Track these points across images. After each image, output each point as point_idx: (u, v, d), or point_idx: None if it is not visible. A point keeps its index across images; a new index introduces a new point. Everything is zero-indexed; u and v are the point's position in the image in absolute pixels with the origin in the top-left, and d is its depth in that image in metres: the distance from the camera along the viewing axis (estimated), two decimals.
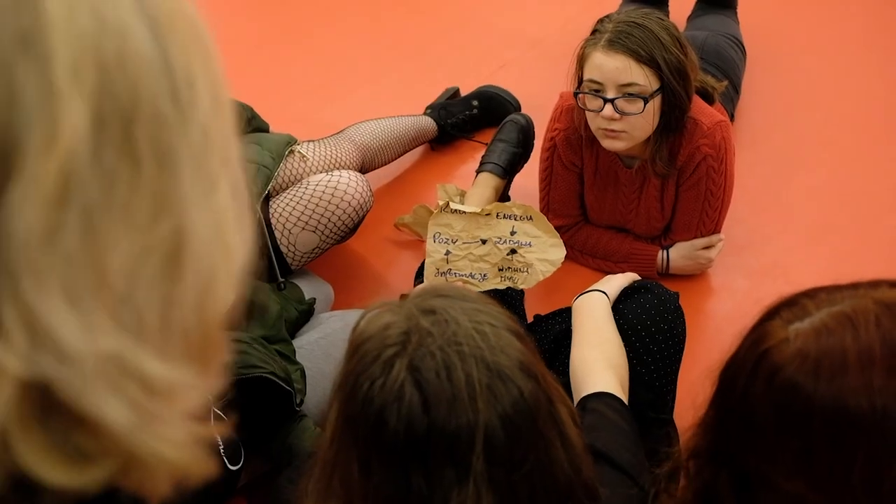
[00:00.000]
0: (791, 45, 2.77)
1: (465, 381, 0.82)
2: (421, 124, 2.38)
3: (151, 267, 0.40)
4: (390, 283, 2.14)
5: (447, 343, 0.84)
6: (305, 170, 2.02)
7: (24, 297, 0.35)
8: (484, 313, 0.88)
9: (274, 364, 1.55)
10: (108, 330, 0.38)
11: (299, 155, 2.03)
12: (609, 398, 1.25)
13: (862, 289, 0.88)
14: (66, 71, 0.35)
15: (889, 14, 2.91)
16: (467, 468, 0.82)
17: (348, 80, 2.76)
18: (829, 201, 2.29)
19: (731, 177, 1.96)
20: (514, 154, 2.14)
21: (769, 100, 2.58)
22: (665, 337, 1.46)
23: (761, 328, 0.90)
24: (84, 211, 0.37)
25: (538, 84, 2.59)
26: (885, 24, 2.87)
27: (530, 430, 0.85)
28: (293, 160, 2.02)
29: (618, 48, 1.72)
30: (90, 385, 0.37)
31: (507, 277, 1.66)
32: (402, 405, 0.82)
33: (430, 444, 0.82)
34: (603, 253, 2.10)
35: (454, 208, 1.61)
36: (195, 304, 0.42)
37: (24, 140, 0.35)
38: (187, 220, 0.41)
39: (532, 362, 0.88)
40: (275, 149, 1.95)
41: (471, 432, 0.81)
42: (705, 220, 2.00)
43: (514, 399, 0.83)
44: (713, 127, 1.87)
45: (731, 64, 2.39)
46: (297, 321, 1.83)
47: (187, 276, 0.41)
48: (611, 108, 1.75)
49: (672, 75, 1.73)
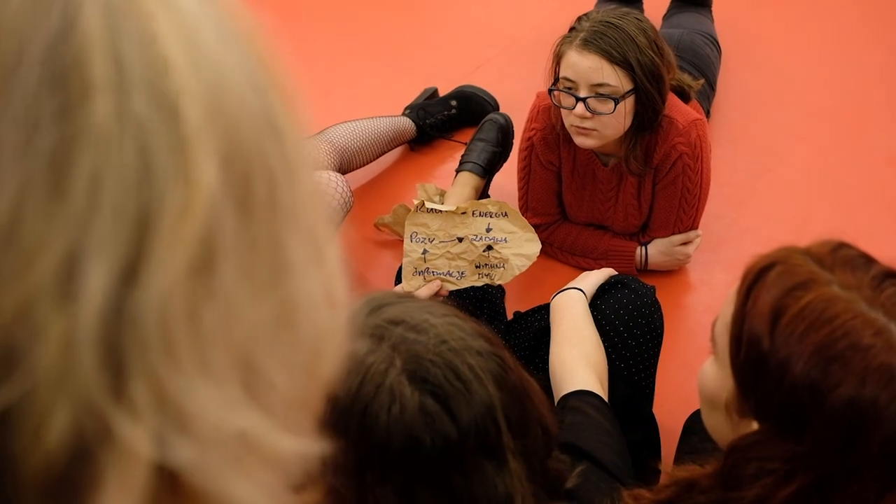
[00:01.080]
0: (765, 41, 2.80)
1: (471, 372, 0.83)
2: (399, 125, 2.38)
3: (273, 334, 0.37)
4: (371, 283, 2.14)
5: (437, 344, 0.84)
6: None
7: (158, 373, 0.32)
8: (431, 305, 0.91)
9: None
10: (244, 406, 0.35)
11: None
12: (589, 396, 1.25)
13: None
14: (197, 125, 0.33)
15: (861, 8, 2.95)
16: (502, 450, 0.84)
17: (325, 82, 2.76)
18: (807, 194, 2.31)
19: (708, 174, 1.97)
20: (494, 153, 2.15)
21: (745, 95, 2.60)
22: (643, 331, 1.47)
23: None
24: (220, 279, 0.34)
25: (516, 83, 2.61)
26: (857, 17, 2.91)
27: (521, 394, 0.88)
28: None
29: (591, 48, 1.73)
30: (227, 468, 0.34)
31: (484, 274, 1.67)
32: (430, 421, 0.81)
33: (464, 445, 0.82)
34: (582, 250, 2.11)
35: (430, 207, 1.62)
36: (310, 369, 0.40)
37: (158, 206, 0.32)
38: (301, 282, 0.39)
39: (487, 336, 0.90)
40: None
41: (493, 416, 0.83)
42: (682, 218, 2.02)
43: (503, 370, 0.87)
44: (688, 125, 1.88)
45: (707, 61, 2.41)
46: None
47: (302, 341, 0.39)
48: (582, 107, 1.76)
49: (645, 77, 1.74)
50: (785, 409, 0.88)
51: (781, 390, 0.87)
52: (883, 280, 0.86)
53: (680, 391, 1.77)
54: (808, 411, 0.85)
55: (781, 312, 0.88)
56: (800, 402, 0.86)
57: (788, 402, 0.87)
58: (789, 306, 0.87)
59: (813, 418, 0.85)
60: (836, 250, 0.91)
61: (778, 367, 0.87)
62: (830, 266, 0.89)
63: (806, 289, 0.87)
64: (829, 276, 0.88)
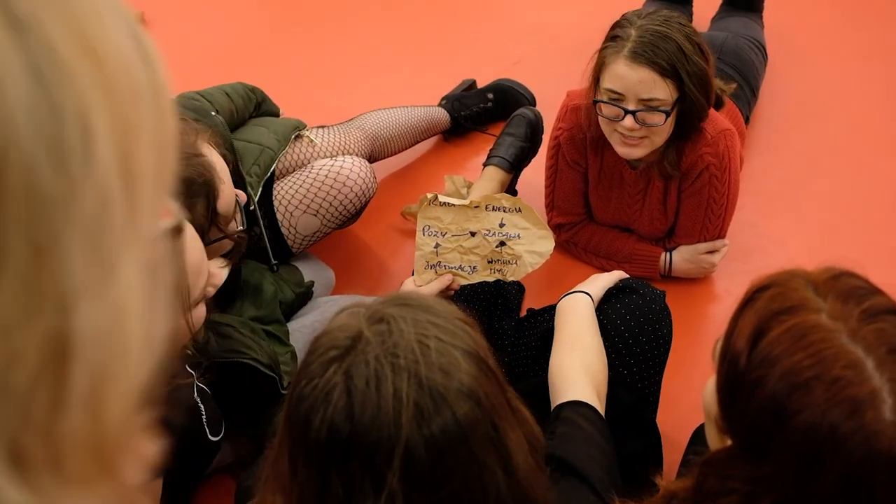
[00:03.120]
0: (814, 52, 2.73)
1: (393, 394, 0.80)
2: (433, 115, 2.38)
3: (25, 375, 0.32)
4: (392, 271, 2.15)
5: (385, 353, 0.82)
6: (313, 155, 2.04)
7: None
8: (439, 328, 0.86)
9: (258, 349, 1.56)
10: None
11: (308, 140, 2.05)
12: (584, 408, 1.24)
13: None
14: None
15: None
16: (382, 482, 0.80)
17: (365, 68, 2.77)
18: (843, 209, 2.26)
19: (735, 185, 1.94)
20: (522, 149, 2.14)
21: (788, 104, 2.54)
22: (649, 339, 1.45)
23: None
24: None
25: (554, 79, 2.58)
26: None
27: (458, 454, 0.82)
28: (301, 145, 2.04)
29: (641, 61, 1.68)
30: None
31: (496, 269, 1.66)
32: (329, 408, 0.81)
33: (351, 451, 0.81)
34: (606, 252, 2.09)
35: (443, 201, 1.62)
36: (87, 410, 0.35)
37: None
38: (73, 315, 0.33)
39: (477, 386, 0.84)
40: (281, 132, 1.97)
41: (390, 447, 0.80)
42: (708, 227, 1.99)
43: (444, 421, 0.81)
44: (717, 136, 1.85)
45: (750, 66, 2.36)
46: (293, 303, 1.84)
47: (75, 381, 0.34)
48: (631, 119, 1.73)
49: (694, 85, 1.71)
50: (751, 429, 0.87)
51: (749, 410, 0.86)
52: (873, 315, 0.84)
53: (693, 401, 1.75)
54: (771, 434, 0.84)
55: (762, 334, 0.87)
56: (763, 424, 0.85)
57: (754, 422, 0.86)
58: (772, 329, 0.87)
59: (774, 441, 0.84)
60: (836, 278, 0.89)
61: (750, 386, 0.86)
62: (825, 294, 0.88)
63: (792, 313, 0.86)
64: (821, 303, 0.87)
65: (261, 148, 1.88)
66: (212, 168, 1.34)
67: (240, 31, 2.98)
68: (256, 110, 2.06)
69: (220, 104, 1.88)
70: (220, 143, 1.52)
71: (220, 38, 2.96)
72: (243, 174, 1.77)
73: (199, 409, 1.46)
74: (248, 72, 2.45)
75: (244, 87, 2.02)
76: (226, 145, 1.66)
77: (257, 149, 1.87)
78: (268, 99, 2.11)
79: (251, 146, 1.87)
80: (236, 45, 2.92)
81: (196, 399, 1.46)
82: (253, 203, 1.79)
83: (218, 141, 1.49)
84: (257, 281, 1.73)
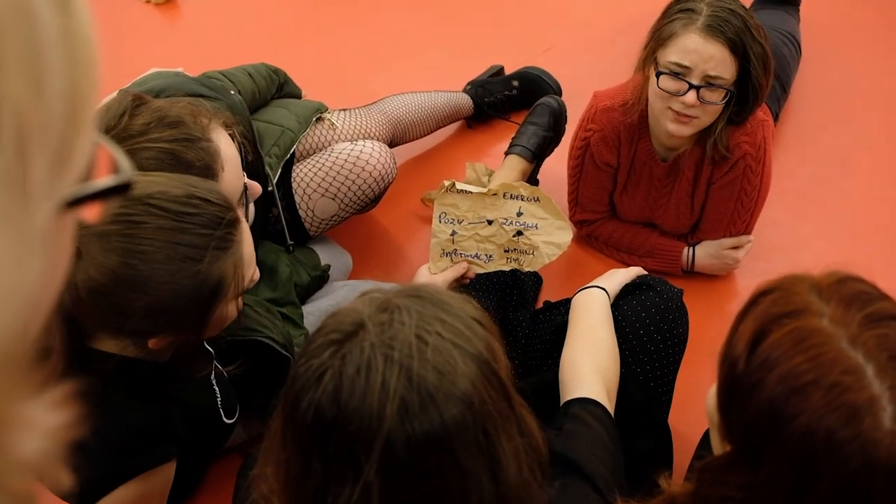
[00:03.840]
0: (849, 48, 2.67)
1: (381, 385, 0.79)
2: (456, 101, 2.36)
3: None
4: (410, 257, 2.14)
5: (380, 343, 0.81)
6: (334, 137, 2.03)
7: None
8: (445, 325, 0.84)
9: (274, 329, 1.56)
10: None
11: (329, 122, 2.03)
12: (592, 405, 1.22)
13: None
14: None
15: None
16: (360, 472, 0.79)
17: (393, 51, 2.75)
18: (871, 210, 2.21)
19: (768, 178, 1.90)
20: (545, 138, 2.11)
21: (820, 102, 2.49)
22: (664, 337, 1.43)
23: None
24: None
25: (583, 70, 2.55)
26: None
27: (440, 456, 0.80)
28: (322, 127, 2.03)
29: (717, 35, 1.63)
30: None
31: (512, 259, 1.64)
32: (318, 390, 0.81)
33: (333, 436, 0.80)
34: (628, 246, 2.06)
35: (460, 188, 1.60)
36: None
37: None
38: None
39: (473, 391, 0.81)
40: (302, 114, 1.95)
41: (371, 438, 0.79)
42: (736, 220, 1.95)
43: (430, 421, 0.79)
44: (756, 126, 1.81)
45: (782, 62, 2.32)
46: (309, 286, 1.84)
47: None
48: (694, 95, 1.68)
49: (759, 67, 1.67)
50: (748, 433, 0.86)
51: (746, 415, 0.85)
52: (876, 320, 0.82)
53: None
54: (767, 439, 0.83)
55: (762, 337, 0.86)
56: (760, 429, 0.83)
57: (751, 426, 0.85)
58: (771, 332, 0.85)
59: (769, 447, 0.82)
60: (841, 283, 0.87)
61: (747, 390, 0.85)
62: (828, 298, 0.86)
63: (793, 317, 0.85)
64: (823, 308, 0.85)
65: (281, 129, 1.87)
66: (214, 155, 1.33)
67: (270, 12, 2.97)
68: (279, 92, 2.05)
69: (242, 84, 1.87)
70: (237, 123, 1.51)
71: (249, 18, 2.95)
72: (262, 155, 1.76)
73: (215, 392, 1.46)
74: (276, 52, 2.44)
75: (267, 68, 2.01)
76: (244, 125, 1.65)
77: (278, 130, 1.86)
78: (290, 80, 2.10)
79: (272, 127, 1.86)
80: (265, 25, 2.91)
81: (212, 382, 1.47)
82: (271, 184, 1.78)
83: (234, 121, 1.48)
84: (273, 262, 1.72)
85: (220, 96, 1.65)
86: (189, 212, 1.14)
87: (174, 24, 2.95)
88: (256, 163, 1.72)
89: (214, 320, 1.22)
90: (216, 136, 1.36)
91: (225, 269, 1.17)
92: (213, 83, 1.69)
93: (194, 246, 1.13)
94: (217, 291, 1.17)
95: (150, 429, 1.26)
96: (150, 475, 1.25)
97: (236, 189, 1.40)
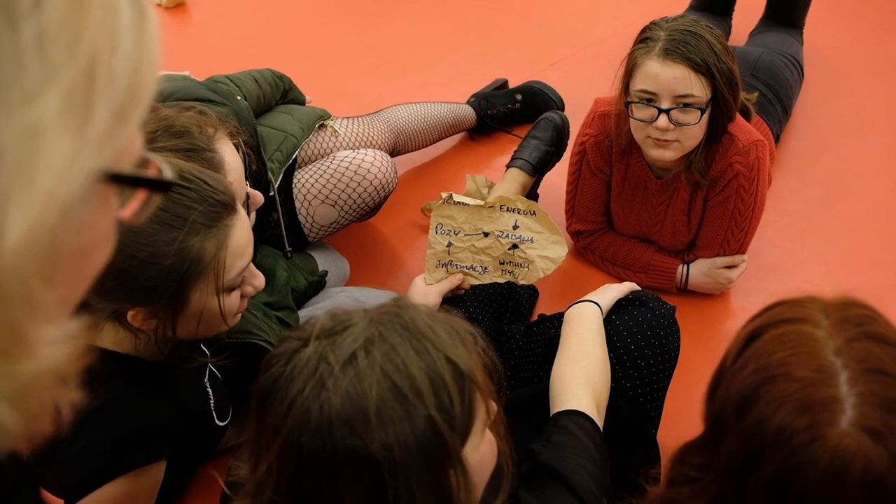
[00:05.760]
0: (851, 73, 2.69)
1: (293, 397, 0.82)
2: (459, 112, 2.38)
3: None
4: (408, 266, 2.15)
5: (316, 357, 0.83)
6: (336, 145, 2.05)
7: None
8: (392, 353, 0.82)
9: (270, 332, 1.58)
10: None
11: (331, 130, 2.05)
12: (581, 418, 1.24)
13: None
14: None
15: None
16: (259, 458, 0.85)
17: (400, 63, 2.78)
18: (870, 234, 2.22)
19: (762, 199, 1.91)
20: (546, 152, 2.13)
21: (821, 124, 2.51)
22: (655, 353, 1.44)
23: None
24: None
25: (587, 85, 2.57)
26: None
27: (318, 481, 0.81)
28: (325, 134, 2.05)
29: (675, 57, 1.68)
30: None
31: (507, 271, 1.66)
32: (263, 379, 0.87)
33: (261, 423, 0.86)
34: (623, 261, 2.08)
35: (457, 200, 1.61)
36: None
37: None
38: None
39: (377, 427, 0.79)
40: (305, 120, 1.97)
41: (274, 436, 0.83)
42: (730, 239, 1.96)
43: (321, 441, 0.80)
44: (749, 145, 1.83)
45: (784, 84, 2.33)
46: (306, 291, 1.85)
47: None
48: (665, 119, 1.72)
49: (724, 84, 1.70)
50: (716, 417, 0.88)
51: (719, 399, 0.88)
52: (867, 337, 0.84)
53: (699, 418, 1.73)
54: (729, 423, 0.85)
55: (756, 337, 0.88)
56: (726, 413, 0.86)
57: (721, 411, 0.87)
58: (766, 333, 0.88)
59: (730, 431, 0.85)
60: (848, 306, 0.89)
61: (729, 379, 0.87)
62: (830, 314, 0.88)
63: (791, 323, 0.87)
64: (823, 320, 0.87)
65: (284, 135, 1.89)
66: (217, 166, 1.35)
67: (279, 19, 3.00)
68: (283, 97, 2.07)
69: (247, 89, 1.89)
70: (242, 130, 1.53)
71: (258, 24, 2.98)
72: (265, 160, 1.78)
73: (209, 394, 1.47)
74: (283, 59, 2.46)
75: (272, 73, 2.04)
76: (249, 131, 1.67)
77: (281, 135, 1.88)
78: (295, 87, 2.12)
79: (275, 132, 1.88)
80: (274, 32, 2.93)
81: (206, 384, 1.48)
82: (272, 189, 1.80)
83: (240, 129, 1.50)
84: (271, 266, 1.73)
85: (226, 101, 1.67)
86: (185, 185, 1.15)
87: (183, 27, 2.98)
88: (260, 170, 1.74)
89: (202, 314, 1.21)
90: (221, 146, 1.37)
91: (205, 246, 1.16)
92: (221, 88, 1.72)
93: (177, 215, 1.13)
94: (194, 267, 1.15)
95: (143, 428, 1.26)
96: (139, 474, 1.26)
97: (238, 198, 1.41)
